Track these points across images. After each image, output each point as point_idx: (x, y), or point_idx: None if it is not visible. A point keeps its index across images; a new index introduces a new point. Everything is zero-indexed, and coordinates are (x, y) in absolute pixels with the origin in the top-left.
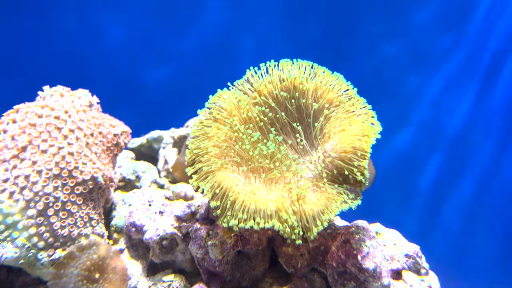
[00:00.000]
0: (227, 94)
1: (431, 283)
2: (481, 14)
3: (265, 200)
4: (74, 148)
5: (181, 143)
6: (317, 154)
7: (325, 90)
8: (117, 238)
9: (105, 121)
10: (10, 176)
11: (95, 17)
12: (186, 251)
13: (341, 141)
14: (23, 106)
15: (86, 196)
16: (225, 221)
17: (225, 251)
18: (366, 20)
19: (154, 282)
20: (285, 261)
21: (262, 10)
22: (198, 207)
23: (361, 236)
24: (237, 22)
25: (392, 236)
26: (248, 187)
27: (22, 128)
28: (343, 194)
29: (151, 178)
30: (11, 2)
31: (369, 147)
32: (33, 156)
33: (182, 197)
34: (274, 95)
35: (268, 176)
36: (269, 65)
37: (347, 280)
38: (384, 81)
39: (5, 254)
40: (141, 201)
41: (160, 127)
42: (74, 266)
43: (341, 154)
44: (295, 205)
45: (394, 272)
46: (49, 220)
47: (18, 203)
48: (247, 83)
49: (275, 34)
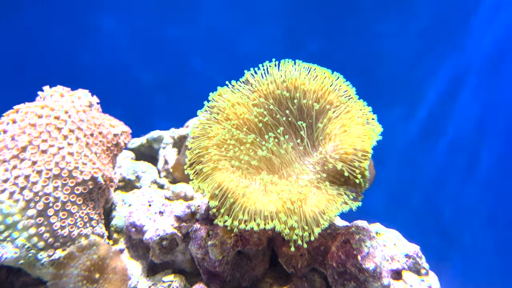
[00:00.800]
0: (227, 94)
1: (431, 283)
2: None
3: (266, 201)
4: (74, 148)
5: (181, 143)
6: (318, 155)
7: (326, 91)
8: (117, 238)
9: (105, 121)
10: (10, 176)
11: (96, 17)
12: (186, 251)
13: (342, 142)
14: (23, 106)
15: (86, 196)
16: (222, 221)
17: (225, 251)
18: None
19: (154, 282)
20: (285, 261)
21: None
22: (198, 207)
23: (361, 236)
24: (237, 22)
25: (392, 236)
26: (249, 188)
27: (22, 128)
28: (343, 195)
29: (151, 178)
30: (10, 2)
31: (370, 149)
32: (33, 156)
33: (182, 197)
34: (275, 96)
35: (269, 177)
36: (270, 65)
37: (347, 280)
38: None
39: (5, 254)
40: (141, 201)
41: (160, 127)
42: (74, 266)
43: (342, 156)
44: (295, 206)
45: (394, 272)
46: (49, 220)
47: (18, 203)
48: (247, 83)
49: (276, 34)
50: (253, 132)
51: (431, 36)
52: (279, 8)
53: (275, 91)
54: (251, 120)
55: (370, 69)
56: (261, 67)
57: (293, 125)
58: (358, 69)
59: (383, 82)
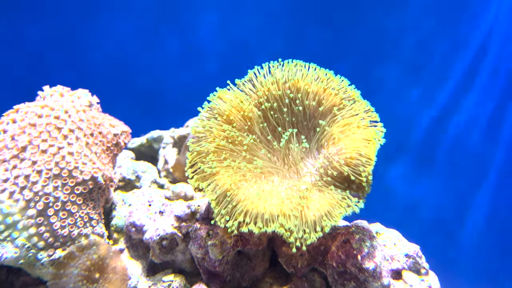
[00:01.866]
0: (229, 94)
1: (431, 283)
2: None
3: (267, 203)
4: (74, 148)
5: (181, 143)
6: (321, 158)
7: (329, 93)
8: (117, 238)
9: (105, 121)
10: (10, 176)
11: (96, 17)
12: (186, 251)
13: (347, 146)
14: (23, 106)
15: (86, 196)
16: (222, 222)
17: (225, 251)
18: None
19: (154, 282)
20: (285, 261)
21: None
22: (198, 207)
23: (361, 236)
24: (238, 23)
25: (392, 236)
26: (250, 190)
27: (22, 128)
28: (346, 198)
29: (151, 178)
30: (11, 2)
31: (375, 153)
32: (33, 156)
33: (182, 197)
34: (277, 97)
35: (271, 179)
36: (272, 66)
37: (347, 280)
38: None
39: (5, 254)
40: (141, 201)
41: (160, 127)
42: (74, 266)
43: (347, 160)
44: (297, 209)
45: (394, 272)
46: (49, 220)
47: (18, 203)
48: (249, 83)
49: (276, 35)
50: (254, 133)
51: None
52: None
53: (277, 91)
54: (252, 120)
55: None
56: (264, 66)
57: (295, 126)
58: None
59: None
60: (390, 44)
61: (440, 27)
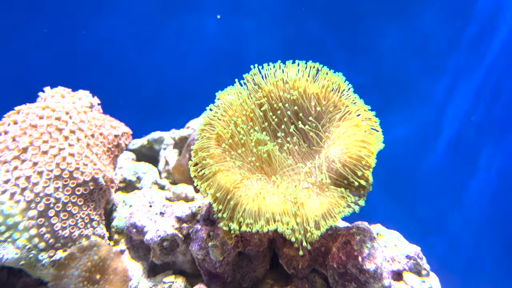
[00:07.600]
0: (231, 94)
1: (432, 284)
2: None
3: (269, 202)
4: (75, 149)
5: (181, 144)
6: (321, 158)
7: (329, 93)
8: (118, 239)
9: (106, 122)
10: (11, 177)
11: (97, 17)
12: (187, 252)
13: (347, 147)
14: (24, 107)
15: (87, 197)
16: (226, 224)
17: (225, 252)
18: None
19: (154, 283)
20: (286, 262)
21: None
22: (199, 208)
23: (362, 237)
24: (238, 23)
25: (392, 237)
26: (251, 190)
27: (23, 129)
28: (346, 198)
29: (152, 179)
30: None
31: (375, 154)
32: (34, 157)
33: (183, 198)
34: (278, 97)
35: (271, 179)
36: (273, 66)
37: (348, 281)
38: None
39: (6, 255)
40: (142, 202)
41: (160, 128)
42: (75, 267)
43: (347, 160)
44: (298, 209)
45: (395, 273)
46: (50, 221)
47: (19, 204)
48: (250, 83)
49: (276, 35)
50: (256, 133)
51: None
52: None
53: (277, 92)
54: (254, 120)
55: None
56: (265, 66)
57: (295, 126)
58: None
59: (385, 82)
60: (391, 45)
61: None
